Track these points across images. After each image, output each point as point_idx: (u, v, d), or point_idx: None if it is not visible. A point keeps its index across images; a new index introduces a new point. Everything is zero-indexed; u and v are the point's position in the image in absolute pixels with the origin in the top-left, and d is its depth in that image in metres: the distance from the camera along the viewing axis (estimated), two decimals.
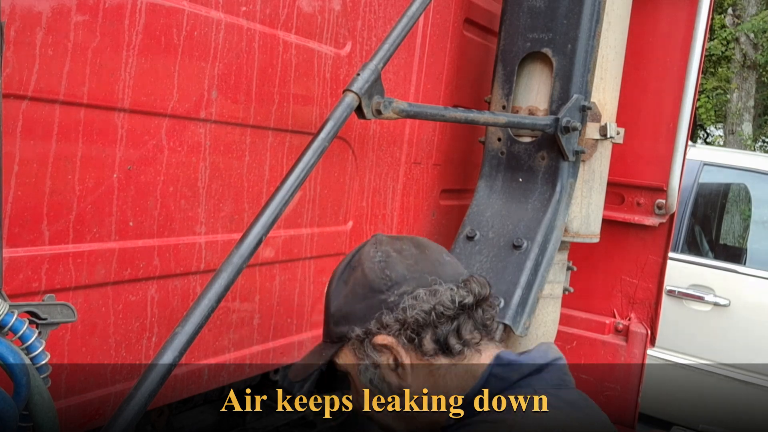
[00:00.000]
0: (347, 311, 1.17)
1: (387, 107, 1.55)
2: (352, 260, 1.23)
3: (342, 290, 1.20)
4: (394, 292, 1.13)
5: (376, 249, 1.20)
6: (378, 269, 1.16)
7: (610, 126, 2.12)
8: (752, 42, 13.17)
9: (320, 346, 1.27)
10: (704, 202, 4.99)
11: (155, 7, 1.28)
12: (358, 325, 1.15)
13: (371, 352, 1.14)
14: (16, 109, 1.09)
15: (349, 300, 1.17)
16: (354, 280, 1.18)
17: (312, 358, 1.27)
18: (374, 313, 1.13)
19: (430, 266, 1.17)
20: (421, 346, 1.11)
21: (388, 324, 1.12)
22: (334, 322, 1.20)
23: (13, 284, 1.12)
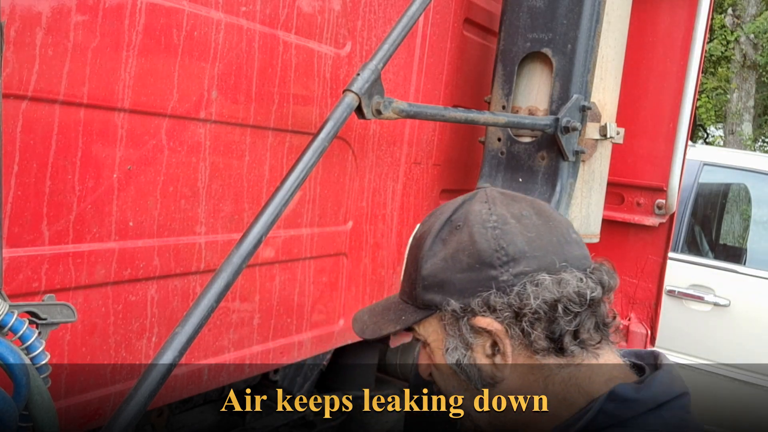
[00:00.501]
0: (444, 278, 0.98)
1: (387, 107, 1.55)
2: (454, 215, 1.02)
3: (439, 251, 1.00)
4: (508, 271, 0.95)
5: (489, 210, 1.00)
6: (491, 238, 0.96)
7: (610, 126, 2.12)
8: (752, 42, 13.17)
9: (397, 304, 1.08)
10: (704, 202, 4.99)
11: (155, 7, 1.28)
12: (456, 298, 0.97)
13: (467, 332, 0.98)
14: (16, 109, 1.09)
15: (448, 265, 0.98)
16: (458, 242, 0.98)
17: (388, 318, 1.07)
18: (479, 289, 0.96)
19: (555, 244, 0.98)
20: (532, 342, 0.94)
21: (496, 307, 0.95)
22: (424, 287, 1.01)
23: (13, 284, 1.12)
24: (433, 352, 1.04)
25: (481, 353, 0.98)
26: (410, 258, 1.05)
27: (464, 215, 1.01)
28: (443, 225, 1.01)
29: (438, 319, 1.01)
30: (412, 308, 1.04)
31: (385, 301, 1.14)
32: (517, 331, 0.95)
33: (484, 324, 0.96)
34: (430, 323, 1.03)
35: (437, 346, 1.03)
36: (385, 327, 1.07)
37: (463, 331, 0.98)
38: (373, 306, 1.16)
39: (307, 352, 1.86)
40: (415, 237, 1.07)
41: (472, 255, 0.96)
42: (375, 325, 1.09)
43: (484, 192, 1.04)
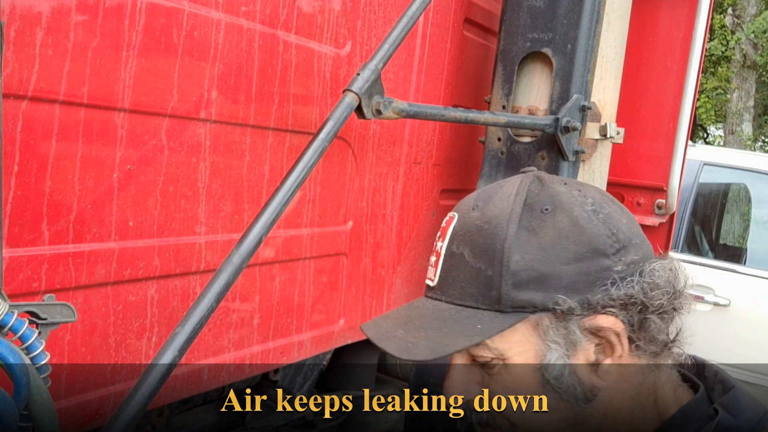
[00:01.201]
0: (545, 272, 0.81)
1: (387, 107, 1.55)
2: (530, 198, 0.86)
3: (529, 240, 0.83)
4: (621, 260, 0.82)
5: (579, 191, 0.86)
6: (599, 222, 0.83)
7: (610, 126, 2.12)
8: (752, 42, 13.17)
9: (457, 312, 0.86)
10: (704, 202, 4.99)
11: (155, 7, 1.28)
12: (565, 293, 0.80)
13: (579, 335, 0.81)
14: (16, 109, 1.09)
15: (548, 256, 0.82)
16: (555, 228, 0.83)
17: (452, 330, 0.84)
18: (595, 282, 0.81)
19: (640, 230, 0.87)
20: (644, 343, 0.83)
21: (617, 302, 0.81)
22: (516, 284, 0.82)
23: (13, 284, 1.12)
24: (512, 368, 0.84)
25: (584, 362, 0.83)
26: (474, 250, 0.85)
27: (549, 198, 0.85)
28: (522, 210, 0.84)
29: (531, 324, 0.83)
30: (490, 314, 0.83)
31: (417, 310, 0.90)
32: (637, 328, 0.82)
33: (607, 323, 0.81)
34: (515, 331, 0.83)
35: (524, 359, 0.83)
36: (452, 342, 0.82)
37: (575, 334, 0.82)
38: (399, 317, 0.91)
39: (307, 352, 1.86)
40: (471, 224, 0.87)
41: (580, 242, 0.82)
42: (429, 341, 0.84)
43: (546, 174, 0.90)
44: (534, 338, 0.83)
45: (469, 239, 0.86)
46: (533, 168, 0.92)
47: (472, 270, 0.85)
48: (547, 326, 0.82)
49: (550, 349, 0.82)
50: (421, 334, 0.85)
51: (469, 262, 0.85)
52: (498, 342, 0.83)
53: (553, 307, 0.81)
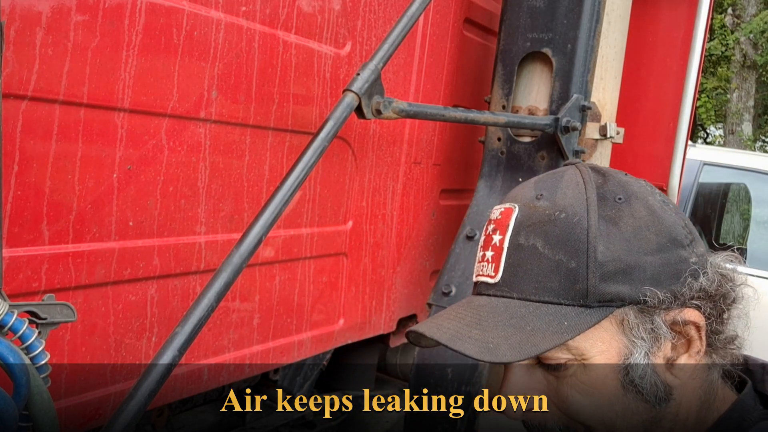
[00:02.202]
0: (631, 263, 0.76)
1: (387, 107, 1.55)
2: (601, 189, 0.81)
3: (610, 230, 0.77)
4: (694, 251, 0.78)
5: (640, 181, 0.83)
6: (673, 212, 0.80)
7: (610, 126, 2.12)
8: (752, 42, 13.17)
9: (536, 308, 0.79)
10: (704, 202, 4.99)
11: (155, 7, 1.28)
12: (652, 285, 0.75)
13: (663, 329, 0.76)
14: (16, 109, 1.09)
15: (633, 247, 0.76)
16: (634, 218, 0.78)
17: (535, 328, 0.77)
18: (676, 274, 0.76)
19: None
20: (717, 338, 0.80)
21: (701, 294, 0.77)
22: (603, 277, 0.76)
23: (13, 284, 1.12)
24: (592, 370, 0.78)
25: (662, 359, 0.78)
26: (552, 243, 0.78)
27: (620, 187, 0.81)
28: (597, 200, 0.79)
29: (617, 321, 0.77)
30: (575, 309, 0.77)
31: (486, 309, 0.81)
32: (713, 326, 0.79)
33: (693, 317, 0.76)
34: (601, 328, 0.77)
35: (606, 358, 0.77)
36: (540, 342, 0.76)
37: (660, 329, 0.76)
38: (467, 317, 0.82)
39: (307, 351, 1.86)
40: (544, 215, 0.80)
41: (661, 233, 0.78)
42: (511, 341, 0.77)
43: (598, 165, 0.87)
44: (619, 335, 0.77)
45: (542, 230, 0.79)
46: (578, 160, 0.89)
47: (550, 263, 0.78)
48: (633, 321, 0.77)
49: (636, 346, 0.77)
50: (500, 334, 0.78)
51: (544, 254, 0.78)
52: (580, 341, 0.77)
53: (642, 299, 0.76)
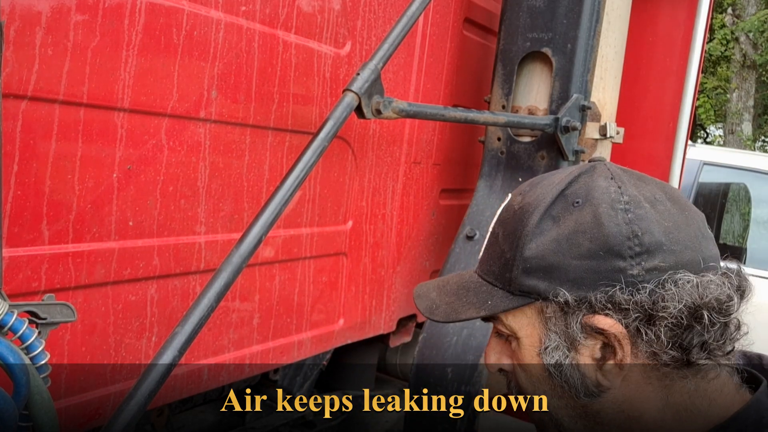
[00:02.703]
0: (554, 263, 0.83)
1: (387, 107, 1.55)
2: (568, 189, 0.86)
3: (549, 229, 0.84)
4: (640, 264, 0.80)
5: (618, 188, 0.84)
6: (623, 222, 0.81)
7: (609, 126, 2.12)
8: (752, 42, 13.18)
9: (479, 285, 0.92)
10: (704, 202, 4.99)
11: (155, 7, 1.28)
12: (567, 287, 0.82)
13: (577, 330, 0.82)
14: (16, 109, 1.09)
15: (561, 248, 0.83)
16: (576, 222, 0.83)
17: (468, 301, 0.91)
18: (600, 282, 0.80)
19: (693, 238, 0.83)
20: (656, 352, 0.81)
21: (621, 306, 0.80)
22: (525, 270, 0.85)
23: (13, 284, 1.12)
24: (522, 348, 0.89)
25: (588, 357, 0.84)
26: (505, 233, 0.89)
27: (585, 191, 0.85)
28: (555, 199, 0.86)
29: (537, 310, 0.86)
30: (502, 293, 0.88)
31: (457, 277, 0.98)
32: (644, 336, 0.80)
33: (604, 324, 0.81)
34: (524, 314, 0.87)
35: (530, 343, 0.88)
36: (464, 311, 0.90)
37: (572, 329, 0.83)
38: (441, 282, 0.99)
39: (307, 351, 1.87)
40: (511, 209, 0.91)
41: (596, 240, 0.81)
42: (449, 307, 0.92)
43: (605, 166, 0.89)
44: (538, 324, 0.87)
45: (505, 222, 0.91)
46: (603, 156, 0.92)
47: (499, 251, 0.90)
48: (549, 315, 0.85)
49: (549, 338, 0.85)
50: (446, 299, 0.94)
51: (499, 243, 0.90)
52: (511, 320, 0.88)
53: (552, 298, 0.83)
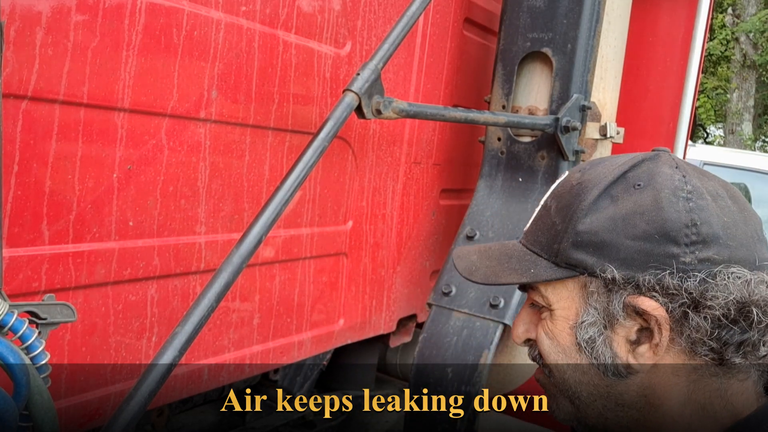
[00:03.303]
0: (607, 240, 0.82)
1: (387, 107, 1.55)
2: (630, 172, 0.86)
3: (606, 207, 0.84)
4: (694, 253, 0.79)
5: (683, 178, 0.84)
6: (683, 210, 0.81)
7: (610, 126, 2.12)
8: (752, 42, 13.18)
9: (523, 253, 0.92)
10: None
11: (155, 7, 1.28)
12: (616, 265, 0.81)
13: (618, 309, 0.82)
14: (16, 109, 1.09)
15: (616, 227, 0.82)
16: (635, 204, 0.83)
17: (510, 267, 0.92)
18: (651, 264, 0.80)
19: (749, 237, 0.82)
20: (694, 342, 0.80)
21: (669, 290, 0.79)
22: (575, 243, 0.85)
23: (13, 284, 1.12)
24: (554, 319, 0.88)
25: (623, 338, 0.83)
26: (559, 206, 0.89)
27: (648, 175, 0.85)
28: (616, 179, 0.85)
29: (580, 285, 0.85)
30: (546, 263, 0.88)
31: (500, 245, 0.98)
32: (688, 324, 0.79)
33: (648, 306, 0.80)
34: (564, 286, 0.87)
35: (566, 315, 0.87)
36: (505, 275, 0.91)
37: (614, 306, 0.82)
38: (484, 248, 0.99)
39: (307, 352, 1.87)
40: (568, 183, 0.90)
41: (654, 223, 0.81)
42: (489, 270, 0.93)
43: (670, 156, 0.88)
44: (578, 298, 0.86)
45: (560, 196, 0.90)
46: (667, 149, 0.91)
47: (550, 222, 0.89)
48: (592, 291, 0.84)
49: (588, 313, 0.85)
50: (486, 263, 0.95)
51: (551, 215, 0.90)
52: (550, 292, 0.88)
53: (599, 273, 0.82)
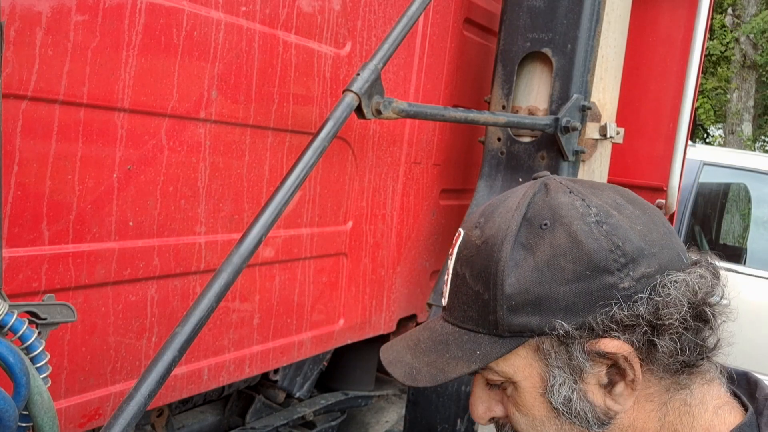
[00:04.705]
0: (541, 294, 0.77)
1: (387, 107, 1.55)
2: (530, 211, 0.81)
3: (523, 259, 0.78)
4: (629, 275, 0.75)
5: (583, 201, 0.80)
6: (600, 235, 0.76)
7: (609, 126, 2.12)
8: (752, 42, 13.18)
9: (459, 335, 0.84)
10: (704, 202, 4.99)
11: (155, 7, 1.28)
12: (563, 317, 0.76)
13: (582, 359, 0.77)
14: (16, 109, 1.09)
15: (545, 277, 0.77)
16: (551, 246, 0.77)
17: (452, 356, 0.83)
18: (596, 303, 0.75)
19: (663, 236, 0.79)
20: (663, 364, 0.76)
21: (623, 323, 0.75)
22: (511, 309, 0.78)
23: (13, 284, 1.12)
24: (521, 392, 0.81)
25: (595, 385, 0.78)
26: (473, 272, 0.82)
27: (548, 210, 0.80)
28: (519, 226, 0.80)
29: (533, 349, 0.79)
30: (489, 338, 0.80)
31: (427, 332, 0.89)
32: (652, 349, 0.75)
33: (611, 347, 0.75)
34: (517, 355, 0.80)
35: (532, 384, 0.80)
36: (451, 369, 0.82)
37: (576, 359, 0.77)
38: (410, 341, 0.90)
39: (307, 352, 1.87)
40: (472, 244, 0.84)
41: (579, 260, 0.76)
42: (432, 368, 0.83)
43: (555, 181, 0.84)
44: (536, 362, 0.80)
45: (469, 260, 0.83)
46: (546, 173, 0.88)
47: (472, 293, 0.82)
48: (548, 350, 0.78)
49: (553, 375, 0.79)
50: (425, 360, 0.85)
51: (469, 285, 0.83)
52: (503, 366, 0.81)
53: (549, 331, 0.77)
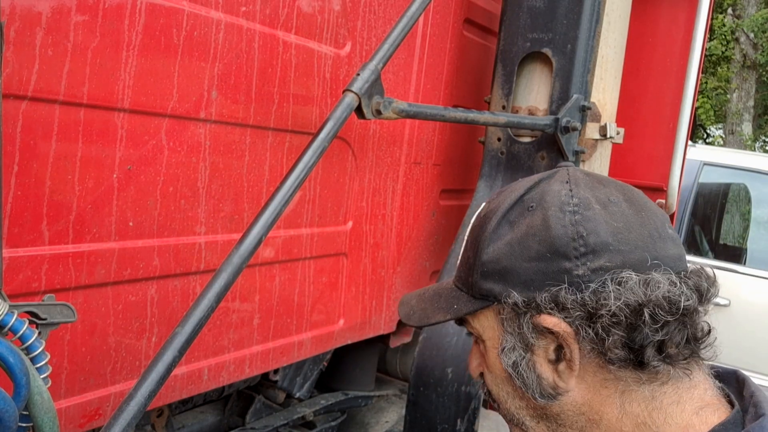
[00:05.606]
0: (507, 266, 0.86)
1: (387, 107, 1.55)
2: (527, 195, 0.89)
3: (505, 234, 0.87)
4: (585, 264, 0.81)
5: (570, 191, 0.86)
6: (569, 224, 0.83)
7: (609, 126, 2.12)
8: (752, 42, 13.18)
9: (450, 291, 0.97)
10: (704, 202, 4.99)
11: (155, 7, 1.28)
12: (518, 289, 0.84)
13: (528, 331, 0.85)
14: (16, 109, 1.09)
15: (513, 252, 0.85)
16: (528, 226, 0.85)
17: (438, 306, 0.97)
18: (547, 282, 0.82)
19: (646, 238, 0.83)
20: (606, 350, 0.80)
21: (565, 305, 0.81)
22: (482, 274, 0.88)
23: (13, 284, 1.12)
24: (487, 350, 0.92)
25: (543, 358, 0.85)
26: (470, 240, 0.93)
27: (540, 195, 0.87)
28: (513, 204, 0.89)
29: (495, 312, 0.89)
30: (466, 297, 0.92)
31: (437, 286, 1.03)
32: (589, 335, 0.81)
33: (549, 323, 0.82)
34: (486, 316, 0.91)
35: (492, 345, 0.90)
36: (433, 315, 0.96)
37: (524, 330, 0.85)
38: (424, 291, 1.04)
39: (307, 352, 1.87)
40: (479, 216, 0.94)
41: (544, 242, 0.83)
42: (422, 312, 0.98)
43: (566, 171, 0.91)
44: (496, 325, 0.90)
45: (472, 229, 0.94)
46: (570, 163, 0.95)
47: (466, 257, 0.94)
48: (504, 317, 0.88)
49: (506, 339, 0.88)
50: (422, 306, 1.01)
51: (466, 250, 0.94)
52: (476, 323, 0.93)
53: (504, 300, 0.86)
